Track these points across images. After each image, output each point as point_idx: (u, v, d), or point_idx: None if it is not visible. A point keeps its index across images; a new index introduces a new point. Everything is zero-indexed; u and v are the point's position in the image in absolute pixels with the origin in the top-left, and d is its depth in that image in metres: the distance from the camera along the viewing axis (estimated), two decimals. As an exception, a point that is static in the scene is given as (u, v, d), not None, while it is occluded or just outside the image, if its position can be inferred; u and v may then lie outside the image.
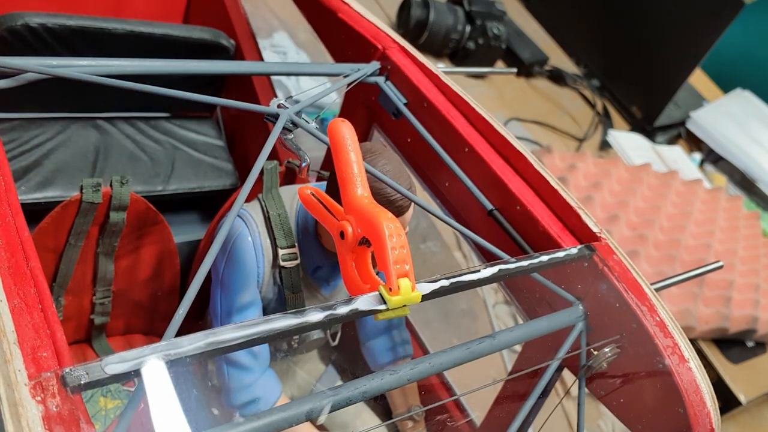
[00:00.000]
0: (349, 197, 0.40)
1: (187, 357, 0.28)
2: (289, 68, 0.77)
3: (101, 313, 0.79)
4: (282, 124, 0.51)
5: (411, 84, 0.61)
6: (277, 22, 1.38)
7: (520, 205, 0.52)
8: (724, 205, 1.54)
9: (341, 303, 0.35)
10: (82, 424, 0.25)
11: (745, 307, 1.29)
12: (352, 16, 0.66)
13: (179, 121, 0.89)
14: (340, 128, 0.41)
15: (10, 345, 0.26)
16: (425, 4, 1.51)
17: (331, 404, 0.34)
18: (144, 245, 0.76)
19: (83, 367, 0.26)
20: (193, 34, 0.81)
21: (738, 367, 1.29)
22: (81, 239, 0.70)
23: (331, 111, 1.11)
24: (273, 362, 0.70)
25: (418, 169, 0.63)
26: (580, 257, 0.47)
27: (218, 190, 0.84)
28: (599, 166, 1.42)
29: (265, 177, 0.67)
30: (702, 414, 0.43)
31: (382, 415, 0.79)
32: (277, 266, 0.65)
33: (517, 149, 0.54)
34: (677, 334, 0.45)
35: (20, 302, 0.28)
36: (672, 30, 1.67)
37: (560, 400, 0.66)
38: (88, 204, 0.67)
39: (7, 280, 0.28)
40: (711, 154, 1.85)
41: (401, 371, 0.37)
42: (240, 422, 0.31)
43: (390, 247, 0.36)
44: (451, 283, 0.39)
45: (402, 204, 0.59)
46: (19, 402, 0.24)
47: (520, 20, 1.87)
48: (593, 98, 1.80)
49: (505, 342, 0.42)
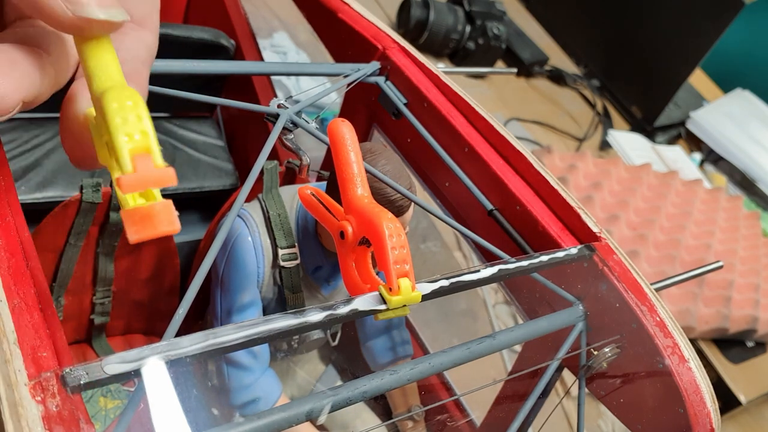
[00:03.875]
0: (349, 197, 0.40)
1: (187, 357, 0.28)
2: (289, 68, 0.77)
3: (101, 313, 0.79)
4: (282, 124, 0.51)
5: (411, 84, 0.61)
6: (277, 22, 1.38)
7: (520, 205, 0.52)
8: (724, 205, 1.54)
9: (341, 303, 0.35)
10: (82, 424, 0.25)
11: (745, 307, 1.29)
12: (352, 16, 0.66)
13: (179, 121, 0.89)
14: (340, 128, 0.41)
15: (9, 345, 0.26)
16: (425, 4, 1.51)
17: (331, 404, 0.34)
18: (144, 245, 0.76)
19: (83, 367, 0.26)
20: (193, 34, 0.81)
21: (738, 367, 1.29)
22: (81, 239, 0.70)
23: (331, 111, 1.11)
24: (273, 362, 0.70)
25: (418, 169, 0.63)
26: (580, 257, 0.47)
27: (218, 190, 0.84)
28: (599, 166, 1.42)
29: (265, 177, 0.67)
30: (702, 414, 0.43)
31: (382, 415, 0.79)
32: (277, 266, 0.65)
33: (517, 149, 0.54)
34: (677, 334, 0.45)
35: (20, 302, 0.28)
36: (672, 30, 1.67)
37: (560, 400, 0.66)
38: (88, 204, 0.67)
39: (7, 280, 0.28)
40: (711, 154, 1.85)
41: (401, 371, 0.37)
42: (240, 422, 0.31)
43: (390, 247, 0.36)
44: (451, 283, 0.39)
45: (402, 204, 0.59)
46: (19, 402, 0.24)
47: (520, 20, 1.87)
48: (593, 98, 1.80)
49: (505, 342, 0.42)
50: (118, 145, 0.23)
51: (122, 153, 0.23)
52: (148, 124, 0.24)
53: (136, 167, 0.23)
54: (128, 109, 0.24)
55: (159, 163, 0.24)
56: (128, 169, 0.23)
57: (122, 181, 0.23)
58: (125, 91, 0.24)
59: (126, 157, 0.23)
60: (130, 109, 0.24)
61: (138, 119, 0.24)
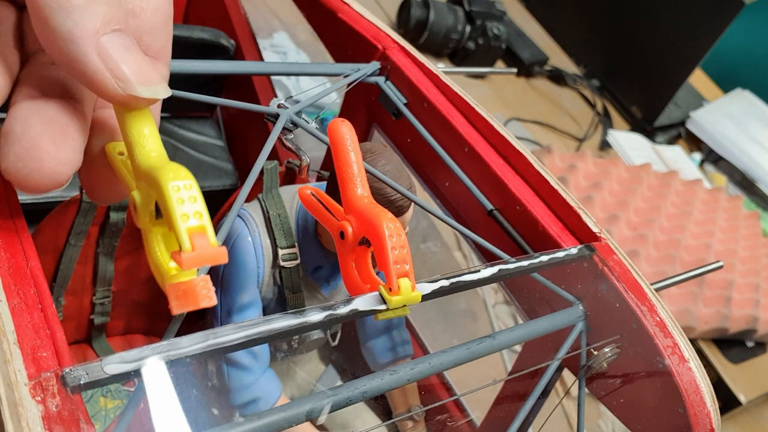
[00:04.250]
0: (349, 197, 0.40)
1: (187, 357, 0.28)
2: (289, 68, 0.77)
3: (101, 313, 0.79)
4: (282, 124, 0.51)
5: (411, 84, 0.61)
6: (277, 22, 1.38)
7: (520, 205, 0.52)
8: (724, 205, 1.54)
9: (341, 303, 0.35)
10: (82, 424, 0.25)
11: (745, 307, 1.29)
12: (352, 16, 0.66)
13: (179, 121, 0.89)
14: (340, 128, 0.41)
15: (9, 345, 0.26)
16: (425, 4, 1.51)
17: (331, 404, 0.34)
18: (144, 245, 0.76)
19: (83, 367, 0.26)
20: (193, 34, 0.81)
21: (738, 367, 1.29)
22: (81, 239, 0.70)
23: (331, 111, 1.11)
24: (273, 362, 0.70)
25: (418, 169, 0.63)
26: (580, 257, 0.47)
27: (218, 190, 0.84)
28: (599, 166, 1.42)
29: (265, 177, 0.67)
30: (702, 414, 0.43)
31: (382, 415, 0.79)
32: (277, 266, 0.65)
33: (517, 149, 0.54)
34: (677, 334, 0.45)
35: (20, 302, 0.28)
36: (672, 30, 1.67)
37: (560, 400, 0.66)
38: (88, 204, 0.67)
39: (7, 280, 0.28)
40: (711, 154, 1.85)
41: (401, 371, 0.37)
42: (240, 422, 0.31)
43: (390, 247, 0.36)
44: (451, 283, 0.39)
45: (402, 204, 0.59)
46: (19, 402, 0.24)
47: (520, 20, 1.87)
48: (593, 98, 1.80)
49: (505, 342, 0.42)
50: (179, 227, 0.25)
51: (182, 235, 0.25)
52: (202, 206, 0.26)
53: (194, 246, 0.25)
54: (185, 188, 0.26)
55: (213, 242, 0.26)
56: (188, 248, 0.25)
57: (183, 259, 0.25)
58: (180, 171, 0.26)
59: (186, 237, 0.25)
60: (186, 188, 0.26)
61: (193, 200, 0.26)
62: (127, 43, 0.26)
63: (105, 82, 0.25)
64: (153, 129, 0.28)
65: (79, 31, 0.24)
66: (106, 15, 0.25)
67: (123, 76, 0.25)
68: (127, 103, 0.26)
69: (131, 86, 0.25)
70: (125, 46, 0.26)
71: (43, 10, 0.24)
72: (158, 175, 0.26)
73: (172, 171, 0.26)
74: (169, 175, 0.26)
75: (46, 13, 0.24)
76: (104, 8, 0.25)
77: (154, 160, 0.27)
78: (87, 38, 0.25)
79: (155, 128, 0.28)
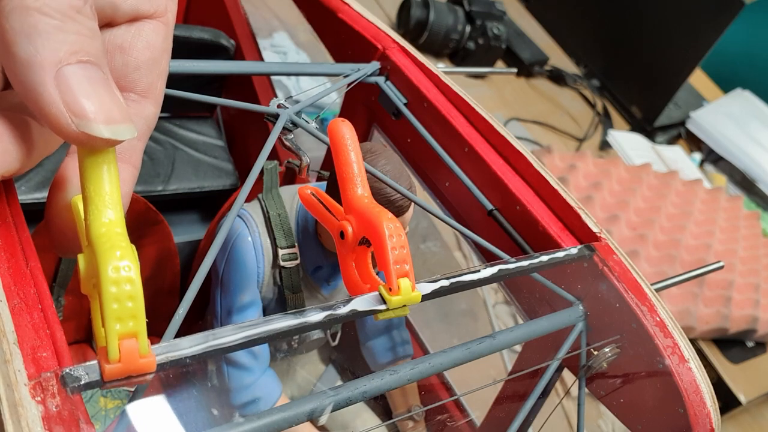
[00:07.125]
0: (349, 197, 0.40)
1: (186, 358, 0.28)
2: (289, 68, 0.77)
3: (101, 313, 0.79)
4: (282, 124, 0.51)
5: (411, 84, 0.61)
6: (277, 22, 1.38)
7: (520, 205, 0.52)
8: (724, 205, 1.54)
9: (341, 303, 0.35)
10: (82, 424, 0.25)
11: (745, 307, 1.29)
12: (352, 16, 0.66)
13: (179, 121, 0.89)
14: (340, 128, 0.41)
15: (9, 345, 0.26)
16: (425, 4, 1.51)
17: (332, 404, 0.34)
18: (144, 245, 0.76)
19: (83, 367, 0.26)
20: (193, 34, 0.81)
21: (738, 367, 1.29)
22: (81, 239, 0.70)
23: (331, 111, 1.11)
24: (273, 362, 0.70)
25: (418, 169, 0.63)
26: (580, 257, 0.47)
27: (218, 190, 0.84)
28: (599, 166, 1.42)
29: (265, 177, 0.67)
30: (702, 414, 0.43)
31: (382, 415, 0.79)
32: (277, 266, 0.65)
33: (517, 149, 0.54)
34: (677, 334, 0.45)
35: (20, 302, 0.28)
36: (672, 30, 1.67)
37: (560, 400, 0.66)
38: (88, 204, 0.67)
39: (7, 280, 0.28)
40: (711, 154, 1.85)
41: (401, 371, 0.37)
42: (240, 422, 0.31)
43: (390, 247, 0.36)
44: (451, 283, 0.39)
45: (402, 204, 0.59)
46: (19, 402, 0.24)
47: (520, 20, 1.87)
48: (593, 98, 1.80)
49: (505, 342, 0.42)
50: (110, 329, 0.23)
51: (112, 339, 0.24)
52: (140, 306, 0.23)
53: (121, 355, 0.24)
54: (125, 281, 0.23)
55: (144, 350, 0.24)
56: (114, 357, 0.24)
57: (106, 371, 0.24)
58: (123, 258, 0.23)
59: (115, 344, 0.24)
60: (127, 281, 0.23)
61: (132, 298, 0.23)
62: (94, 76, 0.23)
63: (58, 115, 0.23)
64: (114, 181, 0.25)
65: (39, 58, 0.22)
66: (74, 45, 0.23)
67: (80, 112, 0.23)
68: (82, 143, 0.23)
69: (87, 124, 0.23)
70: (91, 79, 0.23)
71: (7, 33, 0.22)
72: (99, 259, 0.23)
73: (113, 256, 0.23)
74: (110, 265, 0.23)
75: (10, 37, 0.22)
76: (73, 37, 0.23)
77: (104, 232, 0.24)
78: (46, 67, 0.22)
79: (117, 180, 0.25)
